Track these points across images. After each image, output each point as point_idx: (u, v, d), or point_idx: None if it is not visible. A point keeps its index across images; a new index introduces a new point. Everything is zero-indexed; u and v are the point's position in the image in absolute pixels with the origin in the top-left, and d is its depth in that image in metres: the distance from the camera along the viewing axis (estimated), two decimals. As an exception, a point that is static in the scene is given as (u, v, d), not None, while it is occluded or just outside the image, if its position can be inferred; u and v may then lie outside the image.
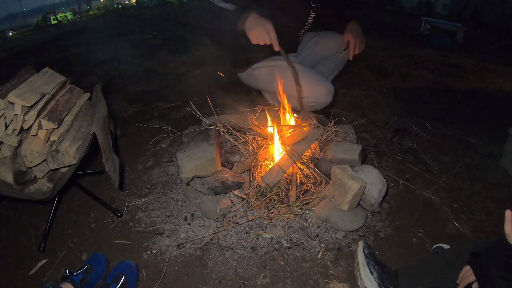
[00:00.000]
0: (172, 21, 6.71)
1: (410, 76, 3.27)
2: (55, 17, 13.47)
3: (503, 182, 1.68)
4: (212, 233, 1.33)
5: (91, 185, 1.70)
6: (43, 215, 1.53)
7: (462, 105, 2.62)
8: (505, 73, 3.55)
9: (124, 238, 1.39)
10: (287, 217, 1.36)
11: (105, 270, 1.21)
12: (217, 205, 1.36)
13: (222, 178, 1.37)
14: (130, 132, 2.21)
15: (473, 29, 5.46)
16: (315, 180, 1.45)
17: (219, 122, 1.53)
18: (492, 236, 1.37)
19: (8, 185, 1.24)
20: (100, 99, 1.46)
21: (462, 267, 0.88)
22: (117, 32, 5.89)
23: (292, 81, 1.71)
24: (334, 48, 1.83)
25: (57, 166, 1.22)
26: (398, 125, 2.11)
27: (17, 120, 1.19)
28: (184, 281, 1.19)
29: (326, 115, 1.76)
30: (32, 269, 1.29)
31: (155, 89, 2.93)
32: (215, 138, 1.43)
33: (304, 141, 1.50)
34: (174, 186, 1.63)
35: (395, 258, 1.27)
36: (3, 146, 1.26)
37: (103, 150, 1.20)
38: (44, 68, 1.46)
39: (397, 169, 1.76)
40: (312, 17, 1.72)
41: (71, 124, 1.36)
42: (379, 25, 5.72)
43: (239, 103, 1.97)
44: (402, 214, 1.47)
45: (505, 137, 1.83)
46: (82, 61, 4.01)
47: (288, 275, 1.19)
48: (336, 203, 1.30)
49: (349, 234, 1.34)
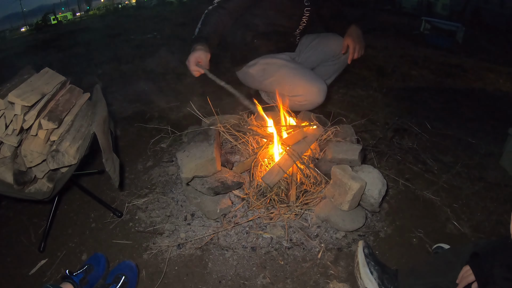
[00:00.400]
0: (172, 21, 6.71)
1: (410, 76, 3.27)
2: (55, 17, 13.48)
3: (503, 182, 1.68)
4: (212, 233, 1.33)
5: (91, 185, 1.70)
6: (43, 215, 1.53)
7: (462, 105, 2.62)
8: (505, 73, 3.55)
9: (124, 238, 1.39)
10: (287, 217, 1.36)
11: (105, 270, 1.21)
12: (217, 205, 1.36)
13: (222, 178, 1.37)
14: (130, 132, 2.21)
15: (473, 29, 5.45)
16: (315, 180, 1.45)
17: (219, 122, 1.53)
18: (492, 236, 1.37)
19: (8, 185, 1.24)
20: (100, 99, 1.45)
21: (462, 267, 0.88)
22: (117, 32, 5.88)
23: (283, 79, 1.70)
24: (335, 50, 1.82)
25: (57, 166, 1.22)
26: (398, 125, 2.11)
27: (17, 120, 1.19)
28: (184, 281, 1.19)
29: (326, 115, 1.76)
30: (32, 269, 1.29)
31: (155, 89, 2.93)
32: (215, 138, 1.43)
33: (304, 141, 1.50)
34: (174, 186, 1.63)
35: (395, 258, 1.27)
36: (3, 146, 1.26)
37: (103, 150, 1.20)
38: (44, 68, 1.46)
39: (397, 169, 1.76)
40: (306, 16, 1.72)
41: (71, 124, 1.36)
42: (379, 25, 5.72)
43: (238, 103, 1.97)
44: (402, 214, 1.47)
45: (505, 137, 1.83)
46: (82, 61, 4.00)
47: (288, 275, 1.19)
48: (336, 203, 1.30)
49: (349, 234, 1.34)
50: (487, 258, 0.82)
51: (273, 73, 1.73)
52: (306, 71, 1.72)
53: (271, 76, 1.74)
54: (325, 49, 1.86)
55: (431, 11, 8.43)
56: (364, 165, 1.41)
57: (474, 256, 0.86)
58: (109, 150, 1.27)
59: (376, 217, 1.44)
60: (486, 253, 0.84)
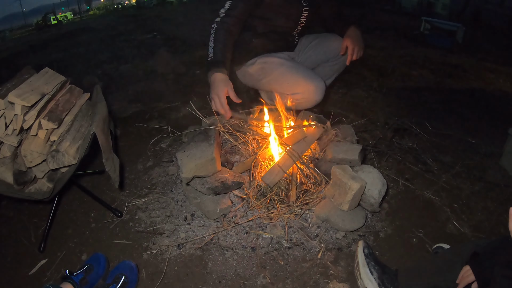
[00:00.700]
0: (172, 21, 6.71)
1: (410, 76, 3.27)
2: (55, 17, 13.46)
3: (503, 182, 1.68)
4: (212, 233, 1.33)
5: (91, 185, 1.70)
6: (43, 215, 1.53)
7: (462, 105, 2.62)
8: (505, 73, 3.55)
9: (124, 238, 1.39)
10: (287, 217, 1.36)
11: (105, 270, 1.21)
12: (217, 205, 1.36)
13: (222, 178, 1.37)
14: (130, 132, 2.21)
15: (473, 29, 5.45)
16: (315, 180, 1.45)
17: (219, 122, 1.53)
18: (492, 236, 1.37)
19: (8, 185, 1.24)
20: (100, 99, 1.45)
21: (462, 267, 0.88)
22: (117, 32, 5.89)
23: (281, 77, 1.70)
24: (335, 51, 1.82)
25: (57, 166, 1.22)
26: (398, 125, 2.11)
27: (17, 120, 1.19)
28: (184, 281, 1.19)
29: (326, 115, 1.76)
30: (32, 269, 1.29)
31: (155, 89, 2.93)
32: (215, 138, 1.43)
33: (304, 141, 1.50)
34: (174, 186, 1.63)
35: (395, 258, 1.27)
36: (3, 146, 1.26)
37: (103, 150, 1.20)
38: (44, 68, 1.46)
39: (397, 169, 1.76)
40: (305, 16, 1.72)
41: (71, 124, 1.36)
42: (379, 25, 5.72)
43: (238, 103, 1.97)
44: (402, 214, 1.47)
45: (505, 137, 1.83)
46: (82, 61, 4.01)
47: (288, 275, 1.19)
48: (336, 203, 1.30)
49: (349, 234, 1.34)
50: (487, 258, 0.82)
51: (272, 72, 1.73)
52: (304, 69, 1.72)
53: (269, 75, 1.74)
54: (325, 49, 1.86)
55: (431, 11, 8.44)
56: (364, 165, 1.41)
57: (474, 256, 0.86)
58: (109, 150, 1.27)
59: (376, 217, 1.44)
60: (486, 253, 0.84)
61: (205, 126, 1.55)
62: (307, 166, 1.44)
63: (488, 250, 0.85)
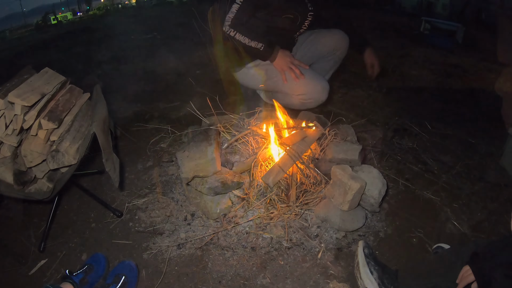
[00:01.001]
0: (172, 21, 6.71)
1: (410, 76, 3.26)
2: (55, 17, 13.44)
3: (503, 182, 1.68)
4: (212, 233, 1.33)
5: (91, 185, 1.70)
6: (43, 215, 1.53)
7: (462, 105, 2.62)
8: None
9: (124, 238, 1.39)
10: (287, 217, 1.36)
11: (105, 270, 1.21)
12: (217, 205, 1.36)
13: (222, 178, 1.36)
14: (130, 132, 2.21)
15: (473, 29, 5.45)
16: (315, 180, 1.45)
17: (219, 122, 1.53)
18: (492, 236, 1.37)
19: (8, 185, 1.24)
20: (100, 99, 1.45)
21: (462, 267, 0.88)
22: (117, 32, 5.88)
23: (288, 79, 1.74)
24: (331, 46, 1.84)
25: (57, 166, 1.22)
26: (398, 125, 2.11)
27: (17, 120, 1.19)
28: (184, 281, 1.19)
29: (326, 115, 1.76)
30: (32, 269, 1.29)
31: (155, 89, 2.93)
32: (215, 138, 1.43)
33: (304, 141, 1.50)
34: (174, 186, 1.63)
35: (395, 258, 1.27)
36: (3, 146, 1.26)
37: (103, 150, 1.20)
38: (44, 68, 1.46)
39: (397, 169, 1.76)
40: (309, 20, 1.74)
41: (71, 124, 1.36)
42: (379, 25, 5.71)
43: (238, 103, 1.98)
44: (402, 214, 1.47)
45: (505, 137, 1.83)
46: (82, 61, 4.00)
47: (288, 275, 1.19)
48: (336, 203, 1.30)
49: (349, 234, 1.34)
50: (487, 258, 0.82)
51: (277, 73, 1.75)
52: (308, 71, 1.76)
53: (274, 76, 1.77)
54: (320, 45, 1.89)
55: (431, 11, 8.42)
56: (364, 165, 1.41)
57: (474, 256, 0.86)
58: (109, 150, 1.27)
59: (376, 217, 1.44)
60: (486, 253, 0.84)
61: (205, 126, 1.55)
62: (307, 166, 1.44)
63: (488, 250, 0.85)
